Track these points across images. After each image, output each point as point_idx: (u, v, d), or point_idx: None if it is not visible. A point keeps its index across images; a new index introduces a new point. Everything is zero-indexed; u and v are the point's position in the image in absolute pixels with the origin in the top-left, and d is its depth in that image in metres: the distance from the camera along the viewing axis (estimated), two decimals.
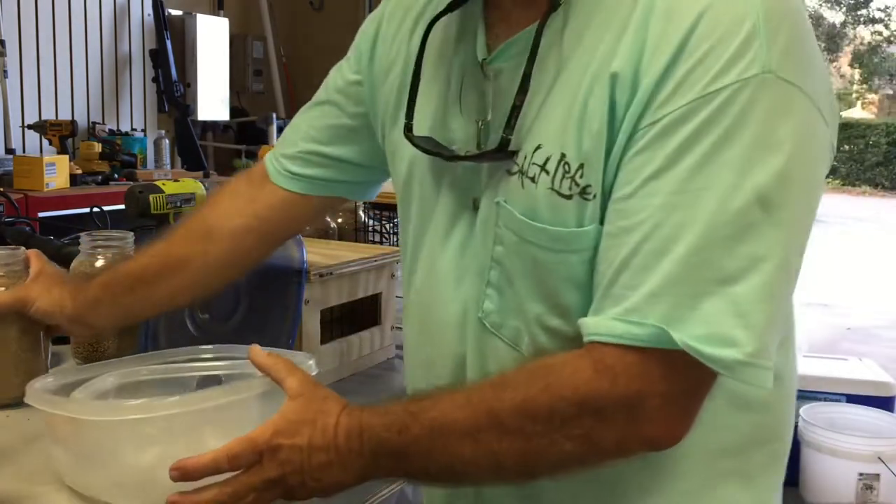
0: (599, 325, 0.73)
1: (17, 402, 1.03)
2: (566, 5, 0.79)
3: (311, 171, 1.07)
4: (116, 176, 3.99)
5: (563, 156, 0.78)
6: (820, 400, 3.38)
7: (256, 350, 0.88)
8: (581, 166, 0.76)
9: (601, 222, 0.76)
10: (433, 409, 0.78)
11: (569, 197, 0.77)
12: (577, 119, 0.77)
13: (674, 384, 0.72)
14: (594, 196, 0.76)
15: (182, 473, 0.78)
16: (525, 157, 0.80)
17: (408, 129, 0.90)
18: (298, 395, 0.82)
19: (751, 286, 0.70)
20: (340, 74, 1.05)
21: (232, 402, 0.87)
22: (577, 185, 0.77)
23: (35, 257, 1.16)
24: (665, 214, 0.71)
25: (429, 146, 0.88)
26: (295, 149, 1.07)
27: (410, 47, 0.95)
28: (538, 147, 0.79)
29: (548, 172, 0.79)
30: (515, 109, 0.80)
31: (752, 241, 0.70)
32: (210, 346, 1.05)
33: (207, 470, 0.78)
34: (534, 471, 0.78)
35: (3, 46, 3.97)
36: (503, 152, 0.81)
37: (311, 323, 1.23)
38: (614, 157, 0.75)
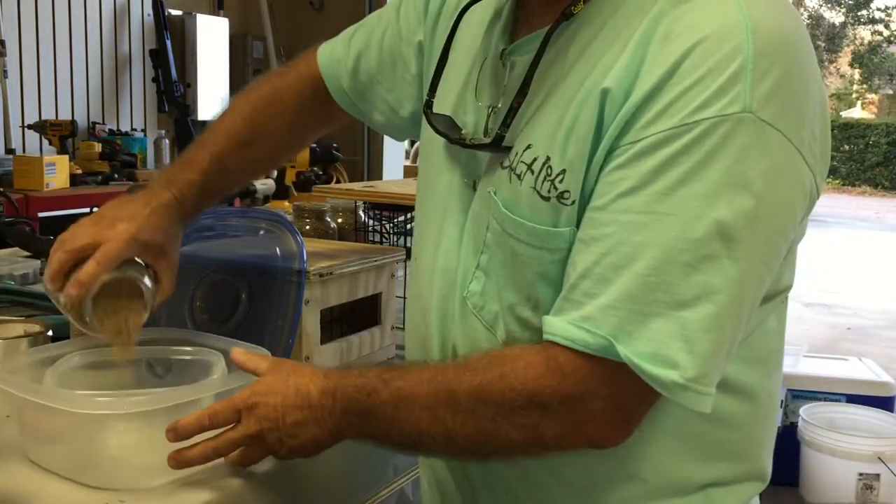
0: (557, 326, 0.78)
1: None
2: (580, 16, 0.82)
3: (374, 114, 1.15)
4: (116, 176, 3.99)
5: (548, 159, 0.82)
6: (820, 400, 3.38)
7: (237, 351, 0.95)
8: (563, 172, 0.80)
9: (578, 226, 0.80)
10: (401, 378, 0.84)
11: (547, 199, 0.82)
12: (566, 127, 0.80)
13: (617, 390, 0.76)
14: (572, 202, 0.80)
15: (174, 434, 0.87)
16: (516, 155, 0.85)
17: (427, 105, 0.96)
18: (274, 366, 0.91)
19: (701, 314, 0.73)
20: (408, 24, 1.09)
21: (191, 402, 0.92)
22: (556, 188, 0.81)
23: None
24: (630, 232, 0.74)
25: (440, 126, 0.93)
26: (361, 86, 1.14)
27: (449, 25, 0.99)
28: (528, 146, 0.84)
29: (533, 172, 0.83)
30: (512, 110, 0.84)
31: (708, 272, 0.73)
32: (168, 329, 1.12)
33: (192, 427, 0.88)
34: (482, 451, 0.83)
35: (3, 46, 3.97)
36: (497, 147, 0.86)
37: (311, 323, 1.23)
38: (594, 168, 0.79)
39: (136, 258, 1.01)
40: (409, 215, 1.89)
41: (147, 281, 1.01)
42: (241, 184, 1.29)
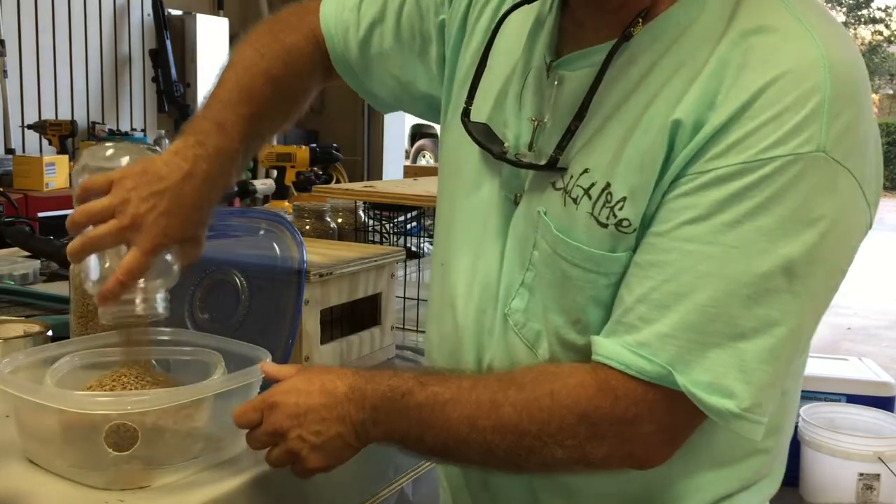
0: (610, 349, 0.77)
1: None
2: (639, 38, 0.80)
3: (378, 90, 1.10)
4: None
5: (607, 185, 0.80)
6: (820, 400, 3.38)
7: (266, 364, 0.92)
8: (623, 199, 0.79)
9: (634, 250, 0.79)
10: (440, 383, 0.82)
11: (605, 226, 0.80)
12: (629, 155, 0.79)
13: (668, 416, 0.77)
14: (633, 230, 0.79)
15: None
16: (571, 178, 0.83)
17: (465, 113, 0.92)
18: (302, 369, 0.89)
19: (759, 346, 0.73)
20: (428, 7, 1.02)
21: (191, 402, 0.92)
22: (615, 216, 0.79)
23: None
24: (693, 261, 0.74)
25: (481, 137, 0.90)
26: (369, 63, 1.07)
27: (488, 28, 0.94)
28: (585, 171, 0.82)
29: (590, 198, 0.81)
30: (569, 133, 0.82)
31: (769, 305, 0.73)
32: (168, 329, 1.09)
33: None
34: (521, 465, 0.82)
35: (3, 46, 3.97)
36: (552, 168, 0.83)
37: (311, 323, 1.23)
38: (658, 194, 0.77)
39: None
40: (409, 215, 1.89)
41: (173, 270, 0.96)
42: (277, 130, 1.14)
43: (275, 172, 2.46)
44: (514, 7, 0.92)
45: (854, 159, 0.74)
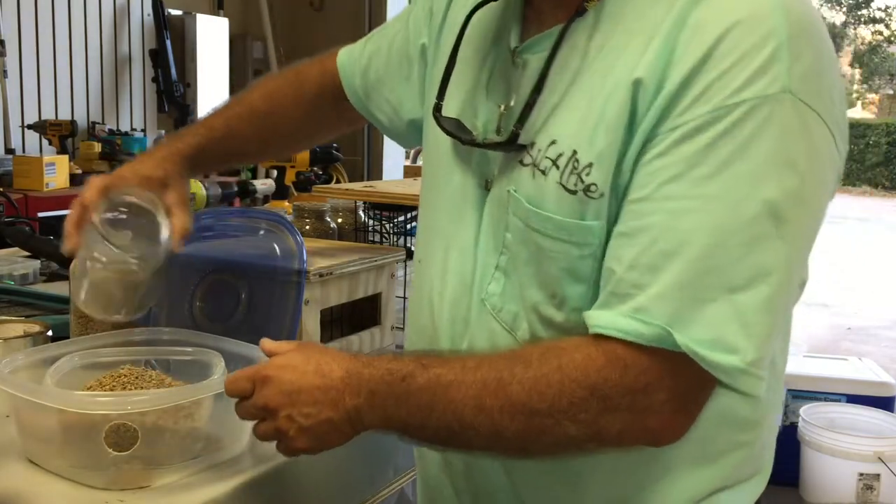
0: (606, 319, 0.76)
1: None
2: (596, 11, 0.82)
3: (378, 114, 1.17)
4: None
5: (574, 153, 0.80)
6: (820, 400, 3.38)
7: (265, 341, 0.91)
8: (590, 165, 0.79)
9: (610, 221, 0.79)
10: (442, 365, 0.80)
11: (573, 192, 0.80)
12: (593, 120, 0.79)
13: (679, 381, 0.75)
14: (600, 195, 0.79)
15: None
16: (539, 151, 0.83)
17: (437, 108, 0.94)
18: (300, 346, 0.87)
19: (756, 297, 0.72)
20: (416, 27, 1.10)
21: (195, 402, 0.92)
22: (583, 181, 0.79)
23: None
24: (677, 219, 0.73)
25: (451, 128, 0.92)
26: (372, 90, 1.16)
27: (456, 29, 0.98)
28: (552, 142, 0.82)
29: (558, 167, 0.81)
30: (528, 107, 0.83)
31: (760, 253, 0.72)
32: (168, 329, 1.11)
33: None
34: (530, 448, 0.80)
35: (3, 46, 3.97)
36: (513, 145, 0.84)
37: (311, 323, 1.23)
38: (629, 159, 0.77)
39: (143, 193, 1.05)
40: (409, 215, 1.89)
41: (159, 212, 1.04)
42: (249, 154, 1.31)
43: (275, 172, 2.46)
44: (480, 5, 0.94)
45: (822, 102, 0.74)
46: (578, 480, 0.87)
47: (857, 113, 21.84)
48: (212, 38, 4.96)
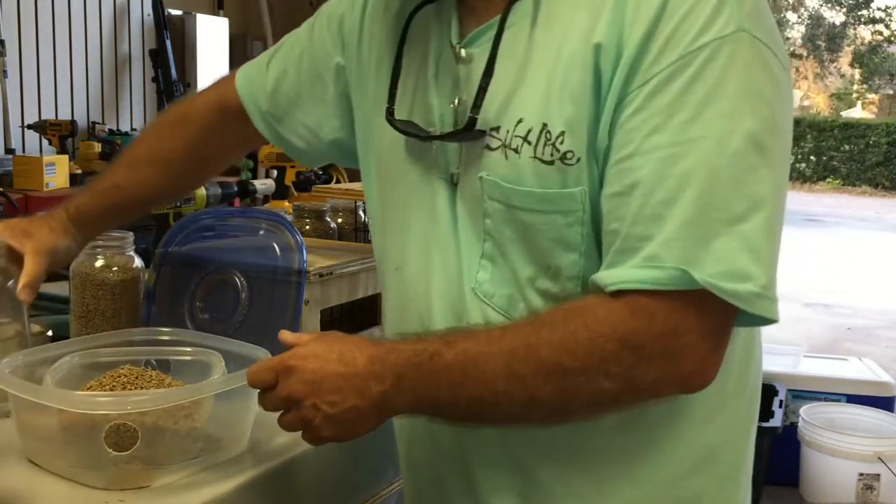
0: (620, 274, 0.77)
1: None
2: None
3: (292, 138, 1.14)
4: None
5: (544, 125, 0.82)
6: (820, 400, 3.38)
7: (284, 332, 0.91)
8: (562, 133, 0.81)
9: (591, 186, 0.81)
10: (468, 340, 0.81)
11: (550, 163, 0.82)
12: (558, 90, 0.82)
13: (705, 320, 0.76)
14: (576, 161, 0.81)
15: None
16: (508, 132, 0.85)
17: (389, 112, 0.95)
18: (321, 335, 0.88)
19: (757, 224, 0.75)
20: (323, 48, 1.10)
21: (195, 402, 0.92)
22: (558, 150, 0.81)
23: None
24: (668, 166, 0.76)
25: (407, 128, 0.93)
26: (275, 106, 1.14)
27: (391, 33, 1.00)
28: (520, 121, 0.84)
29: (530, 143, 0.83)
30: (481, 91, 0.85)
31: (753, 183, 0.75)
32: (168, 329, 1.11)
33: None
34: (568, 407, 0.80)
35: (3, 46, 3.97)
36: (472, 131, 0.86)
37: (311, 323, 1.23)
38: (604, 123, 0.80)
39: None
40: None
41: None
42: (144, 204, 1.30)
43: (275, 172, 2.46)
44: (417, 9, 0.96)
45: (770, 35, 0.79)
46: (579, 438, 0.87)
47: (857, 113, 21.83)
48: (212, 38, 4.96)
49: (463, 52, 0.90)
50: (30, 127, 4.11)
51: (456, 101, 0.91)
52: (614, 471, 0.88)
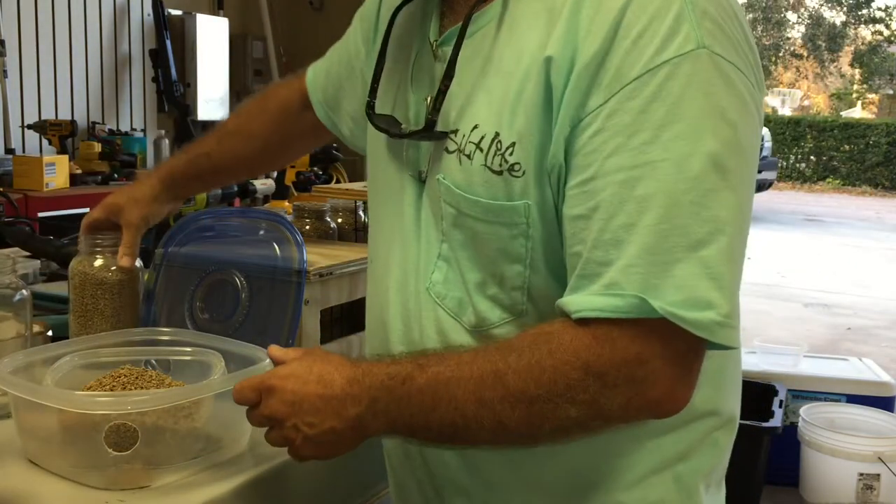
0: (581, 301, 0.76)
1: None
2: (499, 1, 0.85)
3: (343, 128, 1.22)
4: (116, 176, 3.99)
5: (496, 135, 0.82)
6: (820, 400, 3.38)
7: (273, 347, 0.92)
8: (512, 144, 0.81)
9: (538, 201, 0.81)
10: (439, 363, 0.81)
11: (499, 173, 0.82)
12: (511, 101, 0.81)
13: (670, 346, 0.75)
14: (522, 173, 0.81)
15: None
16: (464, 136, 0.85)
17: (369, 106, 0.97)
18: (303, 354, 0.88)
19: (718, 249, 0.74)
20: (355, 43, 1.15)
21: (195, 402, 0.92)
22: (507, 161, 0.81)
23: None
24: (627, 189, 0.74)
25: (383, 124, 0.94)
26: (336, 106, 1.21)
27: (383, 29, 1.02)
28: (475, 127, 0.84)
29: (482, 150, 0.83)
30: (441, 94, 0.86)
31: (713, 206, 0.74)
32: (168, 329, 1.11)
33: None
34: (536, 434, 0.80)
35: (3, 46, 3.97)
36: (430, 132, 0.86)
37: (311, 323, 1.23)
38: (556, 138, 0.79)
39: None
40: None
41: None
42: (221, 172, 1.37)
43: (275, 172, 2.46)
44: (402, 5, 0.97)
45: (734, 51, 0.77)
46: (538, 456, 0.88)
47: (857, 113, 21.82)
48: (212, 37, 4.96)
49: (439, 49, 0.91)
50: (30, 127, 4.11)
51: (428, 98, 0.91)
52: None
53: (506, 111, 0.82)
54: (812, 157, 17.93)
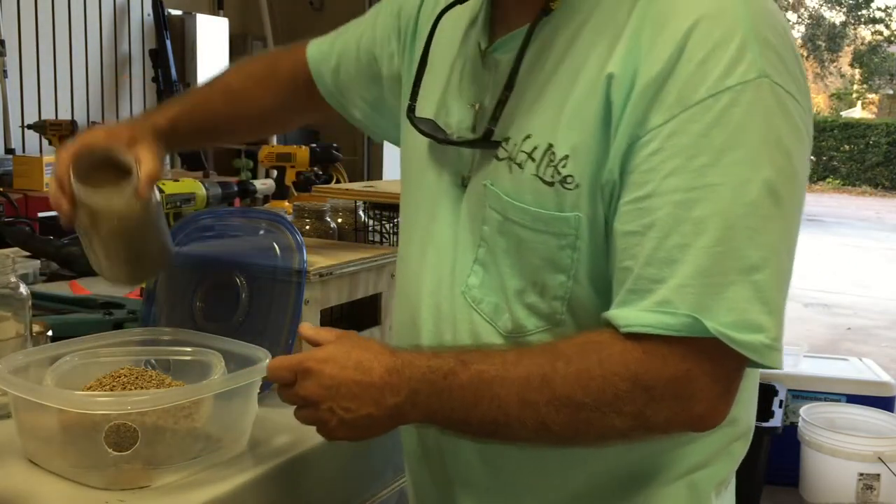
0: (630, 316, 0.77)
1: None
2: (560, 11, 0.85)
3: (354, 111, 1.21)
4: None
5: (549, 146, 0.83)
6: (820, 400, 3.38)
7: (304, 325, 0.92)
8: (566, 157, 0.82)
9: (589, 214, 0.81)
10: (483, 361, 0.81)
11: (550, 184, 0.83)
12: (568, 114, 0.82)
13: (718, 365, 0.77)
14: (575, 186, 0.81)
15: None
16: (515, 145, 0.86)
17: (410, 110, 0.97)
18: (340, 336, 0.88)
19: (769, 274, 0.75)
20: (384, 32, 1.13)
21: (195, 402, 0.92)
22: (559, 173, 0.82)
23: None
24: (684, 210, 0.75)
25: (427, 128, 0.94)
26: (346, 87, 1.19)
27: (426, 31, 1.01)
28: (527, 136, 0.85)
29: (534, 160, 0.84)
30: (500, 104, 0.87)
31: (767, 232, 0.75)
32: (168, 329, 1.11)
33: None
34: (576, 438, 0.81)
35: (3, 46, 3.97)
36: (487, 141, 0.87)
37: (311, 323, 1.23)
38: (613, 155, 0.79)
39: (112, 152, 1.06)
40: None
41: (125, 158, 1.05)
42: (219, 131, 1.31)
43: (275, 172, 2.46)
44: (448, 7, 0.97)
45: (792, 80, 0.78)
46: (565, 462, 0.89)
47: (857, 113, 21.82)
48: (212, 38, 4.96)
49: (490, 56, 0.91)
50: (30, 127, 4.10)
51: (477, 105, 0.92)
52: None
53: (561, 123, 0.82)
54: (812, 157, 17.84)
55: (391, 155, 5.31)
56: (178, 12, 4.93)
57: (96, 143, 1.07)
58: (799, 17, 23.64)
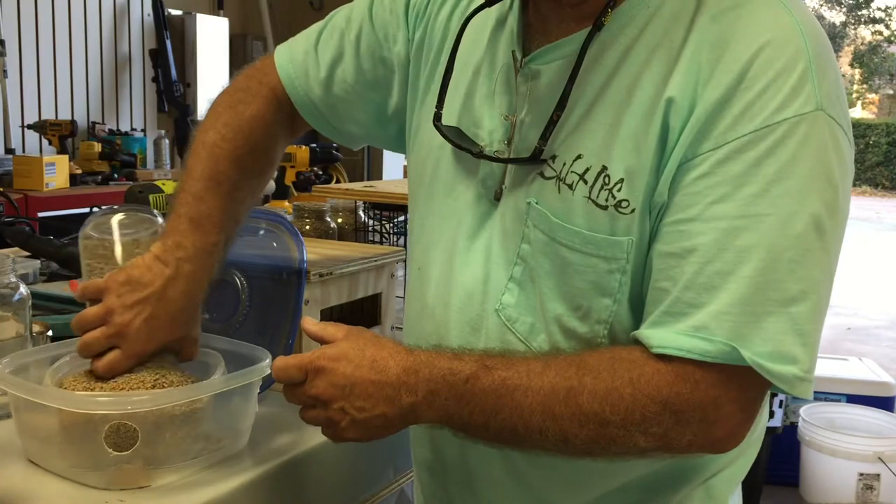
0: (664, 338, 0.77)
1: None
2: (610, 26, 0.82)
3: (342, 123, 1.09)
4: (116, 176, 4.00)
5: (603, 168, 0.81)
6: (820, 400, 3.38)
7: (307, 320, 0.89)
8: (621, 181, 0.80)
9: (641, 237, 0.80)
10: (507, 368, 0.80)
11: (604, 208, 0.81)
12: (623, 136, 0.80)
13: (745, 392, 0.77)
14: (631, 211, 0.80)
15: None
16: (564, 165, 0.83)
17: (437, 118, 0.92)
18: (351, 333, 0.85)
19: (807, 307, 0.75)
20: (384, 30, 1.03)
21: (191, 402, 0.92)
22: (614, 197, 0.80)
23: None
24: (729, 238, 0.75)
25: (456, 139, 0.91)
26: (327, 102, 1.07)
27: (447, 34, 0.97)
28: (578, 157, 0.82)
29: (586, 182, 0.82)
30: (552, 124, 0.83)
31: (809, 265, 0.75)
32: None
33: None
34: (595, 453, 0.80)
35: (3, 46, 3.97)
36: (536, 160, 0.84)
37: None
38: (665, 179, 0.78)
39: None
40: (409, 215, 1.88)
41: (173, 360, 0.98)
42: (255, 199, 1.12)
43: (275, 172, 2.46)
44: (476, 11, 0.93)
45: (843, 114, 0.78)
46: (591, 474, 0.89)
47: (857, 113, 21.81)
48: (212, 37, 4.96)
49: (526, 66, 0.88)
50: (30, 127, 4.11)
51: (512, 117, 0.88)
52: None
53: (616, 145, 0.80)
54: None
55: (391, 155, 5.30)
56: (178, 12, 4.93)
57: (161, 342, 0.95)
58: None
